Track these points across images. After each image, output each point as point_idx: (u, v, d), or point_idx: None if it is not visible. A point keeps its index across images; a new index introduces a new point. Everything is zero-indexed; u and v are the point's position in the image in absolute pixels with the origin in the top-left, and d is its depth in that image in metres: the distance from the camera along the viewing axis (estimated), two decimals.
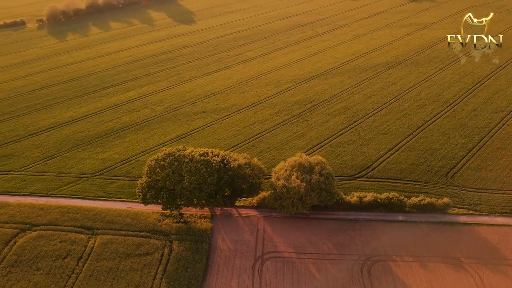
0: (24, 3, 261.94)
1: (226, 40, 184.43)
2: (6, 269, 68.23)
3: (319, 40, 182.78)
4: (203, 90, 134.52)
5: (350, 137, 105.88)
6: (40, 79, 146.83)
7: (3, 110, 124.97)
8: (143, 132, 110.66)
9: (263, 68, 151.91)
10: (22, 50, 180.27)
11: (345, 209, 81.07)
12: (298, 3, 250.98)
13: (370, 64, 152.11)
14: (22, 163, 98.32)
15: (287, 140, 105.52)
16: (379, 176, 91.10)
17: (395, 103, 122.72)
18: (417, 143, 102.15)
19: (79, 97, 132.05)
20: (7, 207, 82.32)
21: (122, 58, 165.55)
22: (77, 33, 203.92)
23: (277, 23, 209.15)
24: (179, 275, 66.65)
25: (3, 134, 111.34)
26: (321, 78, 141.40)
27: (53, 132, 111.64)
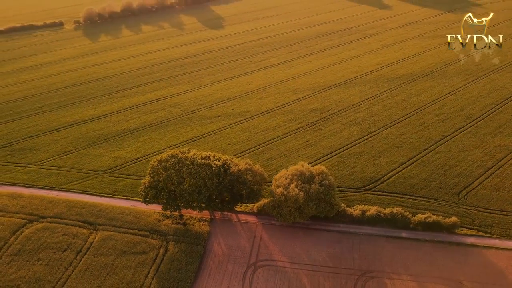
0: (64, 5, 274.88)
1: (251, 46, 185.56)
2: (9, 257, 71.32)
3: (345, 48, 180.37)
4: (221, 95, 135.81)
5: (362, 149, 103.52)
6: (68, 78, 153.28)
7: (32, 105, 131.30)
8: (157, 133, 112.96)
9: (284, 75, 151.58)
10: (57, 49, 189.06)
11: (347, 222, 79.17)
12: (329, 11, 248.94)
13: (395, 75, 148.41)
14: (40, 157, 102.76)
15: (298, 148, 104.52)
16: (387, 190, 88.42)
17: (415, 116, 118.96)
18: (432, 159, 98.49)
19: (102, 96, 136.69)
20: (20, 198, 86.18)
21: (148, 60, 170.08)
22: (110, 34, 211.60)
23: (304, 31, 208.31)
24: (170, 275, 67.28)
25: (28, 128, 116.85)
26: (341, 87, 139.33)
27: (73, 129, 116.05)
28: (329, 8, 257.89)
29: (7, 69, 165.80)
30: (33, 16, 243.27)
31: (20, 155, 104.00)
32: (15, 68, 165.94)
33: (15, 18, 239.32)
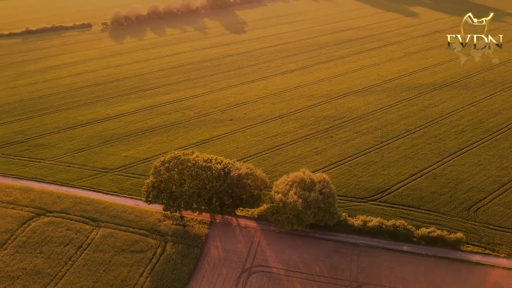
0: (93, 8, 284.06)
1: (271, 51, 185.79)
2: (14, 249, 73.88)
3: (366, 56, 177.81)
4: (236, 99, 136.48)
5: (372, 158, 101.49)
6: (90, 78, 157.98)
7: (53, 103, 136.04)
8: (168, 134, 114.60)
9: (300, 80, 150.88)
10: (83, 50, 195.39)
11: (348, 232, 77.66)
12: (353, 18, 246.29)
13: (414, 84, 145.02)
14: (55, 153, 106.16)
15: (306, 155, 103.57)
16: (394, 202, 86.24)
17: (431, 126, 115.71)
18: (444, 171, 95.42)
19: (120, 96, 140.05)
20: (30, 192, 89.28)
21: (168, 63, 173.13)
22: (134, 37, 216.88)
23: (326, 37, 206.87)
24: (164, 275, 67.89)
25: (46, 125, 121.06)
26: (357, 95, 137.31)
27: (88, 127, 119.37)
28: (354, 15, 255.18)
29: (35, 67, 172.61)
30: (64, 17, 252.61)
31: (36, 150, 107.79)
32: (42, 67, 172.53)
33: (47, 19, 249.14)
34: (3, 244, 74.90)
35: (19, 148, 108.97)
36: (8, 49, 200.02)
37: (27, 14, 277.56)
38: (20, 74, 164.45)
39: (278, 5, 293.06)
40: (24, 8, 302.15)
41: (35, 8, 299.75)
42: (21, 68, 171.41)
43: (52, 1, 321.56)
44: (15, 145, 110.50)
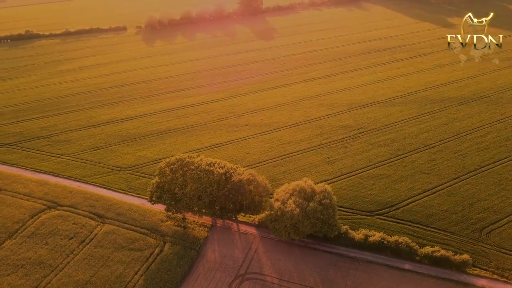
0: (130, 12, 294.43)
1: (296, 59, 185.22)
2: (23, 238, 77.36)
3: (393, 66, 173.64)
4: (254, 105, 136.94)
5: (385, 171, 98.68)
6: (117, 78, 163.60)
7: (79, 102, 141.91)
8: (183, 136, 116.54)
9: (322, 89, 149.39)
10: (115, 52, 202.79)
11: (348, 245, 75.67)
12: (386, 27, 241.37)
13: (441, 97, 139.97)
14: (73, 150, 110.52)
15: (317, 164, 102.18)
16: (401, 217, 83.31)
17: (453, 141, 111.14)
18: (460, 189, 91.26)
19: (143, 98, 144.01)
20: (45, 185, 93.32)
21: (194, 67, 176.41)
22: (165, 40, 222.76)
23: (355, 46, 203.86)
24: (158, 275, 68.81)
25: (70, 122, 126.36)
26: (379, 106, 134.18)
27: (109, 126, 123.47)
28: (387, 25, 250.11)
29: (68, 67, 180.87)
30: (102, 20, 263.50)
31: (57, 146, 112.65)
32: (75, 67, 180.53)
33: (86, 21, 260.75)
34: (14, 234, 78.60)
35: (42, 143, 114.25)
36: (47, 49, 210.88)
37: (67, 16, 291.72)
38: (54, 73, 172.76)
39: (310, 13, 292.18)
40: (65, 11, 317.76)
41: (75, 11, 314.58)
42: (56, 67, 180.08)
43: (91, 5, 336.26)
44: (39, 140, 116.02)
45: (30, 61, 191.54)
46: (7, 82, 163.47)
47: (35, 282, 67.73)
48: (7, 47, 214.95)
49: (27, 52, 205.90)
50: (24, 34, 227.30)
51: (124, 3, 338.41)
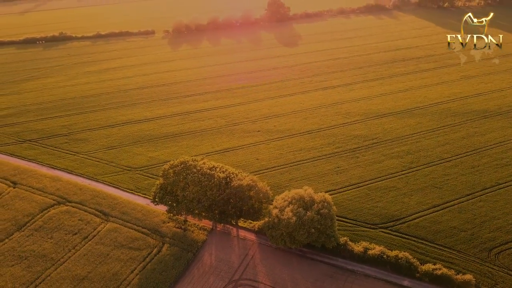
0: (159, 16, 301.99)
1: (317, 66, 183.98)
2: (30, 231, 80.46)
3: (417, 77, 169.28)
4: (269, 111, 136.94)
5: (395, 184, 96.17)
6: (140, 81, 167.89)
7: (100, 102, 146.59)
8: (196, 140, 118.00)
9: (340, 97, 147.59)
10: (141, 55, 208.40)
11: (347, 257, 74.09)
12: (414, 37, 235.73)
13: (464, 109, 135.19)
14: (89, 148, 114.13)
15: (325, 173, 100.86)
16: (406, 232, 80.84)
17: (471, 156, 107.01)
18: (473, 206, 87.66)
19: (161, 100, 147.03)
20: (58, 181, 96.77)
21: (215, 71, 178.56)
22: (190, 45, 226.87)
23: (379, 55, 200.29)
24: (153, 275, 69.75)
25: (89, 122, 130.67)
26: (396, 116, 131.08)
27: (125, 127, 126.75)
28: (416, 34, 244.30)
29: (95, 68, 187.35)
30: (132, 24, 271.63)
31: (75, 144, 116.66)
32: (101, 68, 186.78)
33: (116, 25, 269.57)
34: (22, 226, 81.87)
35: (61, 141, 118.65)
36: (77, 50, 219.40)
37: (101, 19, 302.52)
38: (81, 74, 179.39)
39: (338, 20, 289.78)
40: (99, 14, 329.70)
41: (107, 14, 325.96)
42: (83, 68, 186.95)
43: (125, 9, 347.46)
44: (58, 138, 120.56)
45: (61, 61, 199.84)
46: (37, 81, 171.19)
47: (36, 274, 70.19)
48: (41, 48, 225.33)
49: (59, 53, 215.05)
50: (58, 36, 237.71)
51: (155, 7, 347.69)
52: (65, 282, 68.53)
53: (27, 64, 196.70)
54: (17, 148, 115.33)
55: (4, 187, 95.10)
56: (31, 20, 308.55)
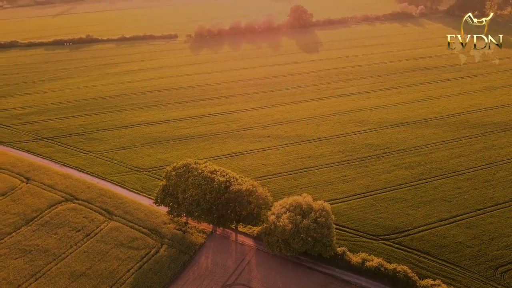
0: (184, 21, 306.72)
1: (336, 73, 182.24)
2: (37, 226, 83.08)
3: (438, 86, 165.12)
4: (282, 116, 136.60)
5: (402, 195, 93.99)
6: (158, 83, 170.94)
7: (117, 103, 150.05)
8: (206, 143, 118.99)
9: (355, 105, 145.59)
10: (162, 58, 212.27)
11: (344, 268, 72.81)
12: (439, 45, 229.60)
13: (483, 121, 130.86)
14: (102, 148, 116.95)
15: (331, 182, 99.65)
16: (409, 245, 78.84)
17: (485, 170, 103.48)
18: (482, 222, 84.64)
19: (176, 103, 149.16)
20: (68, 179, 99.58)
21: (232, 76, 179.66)
22: (211, 49, 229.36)
23: (401, 63, 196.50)
24: (148, 276, 70.60)
25: (105, 122, 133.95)
26: (411, 126, 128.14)
27: (139, 128, 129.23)
28: (441, 42, 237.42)
29: (116, 70, 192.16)
30: (156, 28, 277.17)
31: (89, 143, 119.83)
32: (122, 70, 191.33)
33: (141, 28, 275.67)
34: (30, 221, 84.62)
35: (76, 140, 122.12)
36: (102, 52, 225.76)
37: (126, 23, 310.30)
38: (102, 75, 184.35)
39: (362, 28, 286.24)
40: (125, 18, 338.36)
41: (134, 18, 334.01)
42: (105, 70, 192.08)
43: (151, 13, 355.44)
44: (74, 137, 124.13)
45: (85, 63, 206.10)
46: (60, 81, 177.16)
47: (37, 268, 72.37)
48: (68, 50, 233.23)
49: (84, 54, 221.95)
50: (84, 38, 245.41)
51: (180, 12, 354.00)
52: (63, 277, 70.34)
53: (53, 64, 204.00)
54: (34, 145, 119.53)
55: (17, 182, 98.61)
56: (62, 23, 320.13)
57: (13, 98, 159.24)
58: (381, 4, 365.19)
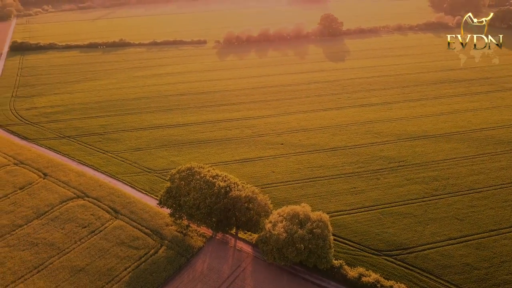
0: (214, 27, 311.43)
1: (359, 83, 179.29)
2: (47, 220, 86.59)
3: (465, 99, 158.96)
4: (298, 124, 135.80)
5: (412, 210, 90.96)
6: (181, 88, 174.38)
7: (139, 106, 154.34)
8: (218, 148, 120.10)
9: (375, 116, 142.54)
10: (188, 63, 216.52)
11: (340, 281, 71.21)
12: (473, 57, 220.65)
13: (510, 138, 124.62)
14: (119, 148, 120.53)
15: (339, 193, 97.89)
16: (411, 263, 76.08)
17: (505, 189, 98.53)
18: (494, 244, 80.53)
19: (196, 108, 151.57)
20: (82, 176, 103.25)
21: (253, 83, 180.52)
22: (237, 56, 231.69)
23: (429, 74, 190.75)
24: (143, 275, 71.85)
25: (125, 123, 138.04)
26: (432, 140, 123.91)
27: (156, 130, 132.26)
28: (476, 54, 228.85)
29: (142, 73, 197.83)
30: (187, 33, 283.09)
31: (107, 143, 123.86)
32: (148, 74, 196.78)
33: (172, 33, 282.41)
34: (42, 215, 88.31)
35: (95, 139, 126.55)
36: (132, 56, 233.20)
37: (159, 28, 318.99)
38: (129, 78, 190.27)
39: (393, 37, 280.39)
40: (158, 23, 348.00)
41: (167, 23, 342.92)
42: (132, 73, 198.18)
43: (182, 19, 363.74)
44: (94, 136, 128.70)
45: (115, 66, 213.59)
46: (89, 83, 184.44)
47: (41, 261, 75.32)
48: (101, 52, 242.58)
49: (115, 58, 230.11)
50: (117, 42, 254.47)
51: (212, 19, 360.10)
52: (64, 271, 72.78)
53: (84, 66, 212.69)
54: (56, 142, 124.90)
55: (36, 177, 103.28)
56: (99, 27, 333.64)
57: (44, 97, 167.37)
58: (416, 14, 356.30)
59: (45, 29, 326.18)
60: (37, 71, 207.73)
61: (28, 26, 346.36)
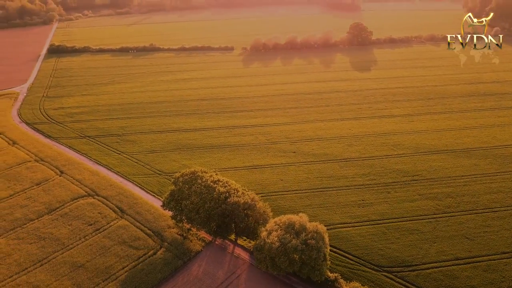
0: (243, 34, 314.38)
1: (382, 93, 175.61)
2: (56, 216, 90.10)
3: (493, 114, 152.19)
4: (313, 133, 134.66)
5: (419, 227, 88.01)
6: (202, 93, 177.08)
7: (160, 109, 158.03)
8: (230, 153, 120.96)
9: (394, 127, 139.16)
10: (213, 69, 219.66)
11: None
12: (508, 70, 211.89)
13: None
14: (134, 150, 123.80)
15: (346, 205, 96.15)
16: (413, 281, 73.63)
17: None
18: (505, 267, 76.65)
19: (215, 113, 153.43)
20: (96, 176, 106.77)
21: (274, 90, 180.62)
22: (262, 63, 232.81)
23: (457, 87, 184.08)
24: (139, 276, 73.22)
25: (143, 126, 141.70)
26: (451, 155, 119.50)
27: (173, 134, 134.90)
28: (508, 67, 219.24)
29: (167, 77, 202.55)
30: (216, 40, 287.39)
31: (124, 144, 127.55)
32: (173, 78, 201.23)
33: (200, 39, 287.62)
34: (53, 211, 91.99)
35: (113, 140, 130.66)
36: (160, 60, 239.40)
37: (189, 34, 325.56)
38: (155, 82, 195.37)
39: (425, 48, 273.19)
40: (188, 28, 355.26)
41: (197, 29, 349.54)
42: (158, 77, 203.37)
43: (214, 26, 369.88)
44: (112, 137, 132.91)
45: (143, 69, 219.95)
46: (116, 85, 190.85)
47: (46, 255, 78.39)
48: (131, 56, 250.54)
49: (144, 62, 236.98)
50: (147, 46, 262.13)
51: (242, 26, 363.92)
52: (65, 266, 75.35)
53: (114, 69, 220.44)
54: (76, 142, 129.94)
55: (53, 174, 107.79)
56: (133, 31, 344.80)
57: (72, 98, 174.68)
58: (451, 24, 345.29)
59: (82, 33, 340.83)
60: (69, 73, 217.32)
61: (67, 30, 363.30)
